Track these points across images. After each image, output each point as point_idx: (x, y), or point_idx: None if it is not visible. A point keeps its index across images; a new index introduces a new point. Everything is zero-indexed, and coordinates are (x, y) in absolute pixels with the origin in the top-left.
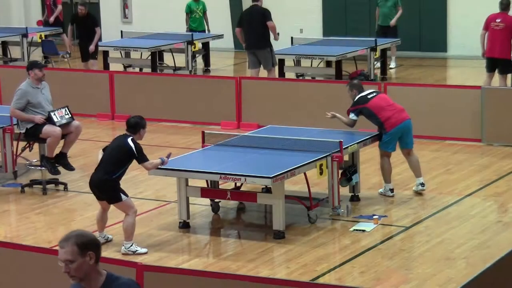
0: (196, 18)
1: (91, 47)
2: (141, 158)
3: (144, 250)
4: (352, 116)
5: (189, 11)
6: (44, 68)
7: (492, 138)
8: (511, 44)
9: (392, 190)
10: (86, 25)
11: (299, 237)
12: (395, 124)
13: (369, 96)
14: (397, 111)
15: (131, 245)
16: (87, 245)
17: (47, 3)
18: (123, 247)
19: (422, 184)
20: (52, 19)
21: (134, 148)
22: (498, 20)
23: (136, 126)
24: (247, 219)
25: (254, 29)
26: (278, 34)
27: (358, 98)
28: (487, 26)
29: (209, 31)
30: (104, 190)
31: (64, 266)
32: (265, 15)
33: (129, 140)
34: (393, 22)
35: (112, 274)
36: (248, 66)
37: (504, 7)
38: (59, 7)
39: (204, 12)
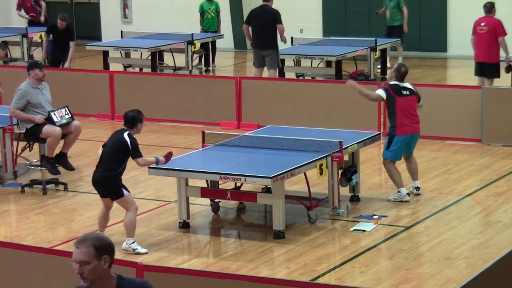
0: (208, 19)
1: (66, 65)
2: (135, 154)
3: (144, 250)
4: (381, 91)
5: (202, 11)
6: (44, 68)
7: (492, 138)
8: (498, 47)
9: (409, 194)
10: (62, 38)
11: (299, 237)
12: (406, 132)
13: (402, 91)
14: (414, 122)
15: (133, 242)
16: (104, 248)
17: (27, 5)
18: (125, 243)
19: (417, 188)
20: (42, 18)
21: (129, 143)
22: (482, 24)
23: (133, 120)
24: (247, 219)
25: (263, 29)
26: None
27: (394, 83)
28: (474, 31)
29: (219, 31)
30: (106, 187)
31: (78, 267)
32: (276, 16)
33: (125, 135)
34: (404, 25)
35: (122, 276)
36: (253, 64)
37: (487, 10)
38: (43, 4)
39: (218, 13)
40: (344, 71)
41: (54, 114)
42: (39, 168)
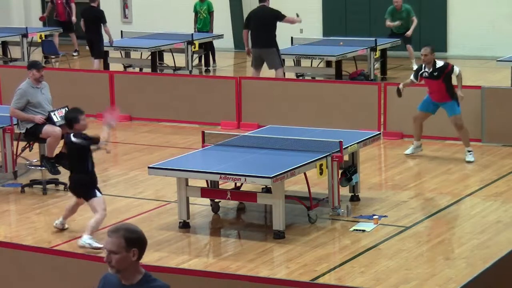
0: (200, 19)
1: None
2: (90, 142)
3: (101, 245)
4: (458, 67)
5: (196, 11)
6: (42, 69)
7: (492, 138)
8: None
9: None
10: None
11: (299, 237)
12: None
13: None
14: None
15: (90, 239)
16: (134, 241)
17: (58, 1)
18: (82, 239)
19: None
20: (74, 18)
21: (78, 142)
22: None
23: (69, 122)
24: (247, 219)
25: (262, 29)
26: (298, 19)
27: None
28: None
29: (211, 31)
30: (78, 188)
31: (107, 255)
32: (277, 15)
33: (72, 138)
34: (390, 23)
35: (149, 274)
36: (251, 64)
37: None
38: (73, 5)
39: (210, 13)
40: (344, 71)
41: (54, 114)
42: (39, 168)
